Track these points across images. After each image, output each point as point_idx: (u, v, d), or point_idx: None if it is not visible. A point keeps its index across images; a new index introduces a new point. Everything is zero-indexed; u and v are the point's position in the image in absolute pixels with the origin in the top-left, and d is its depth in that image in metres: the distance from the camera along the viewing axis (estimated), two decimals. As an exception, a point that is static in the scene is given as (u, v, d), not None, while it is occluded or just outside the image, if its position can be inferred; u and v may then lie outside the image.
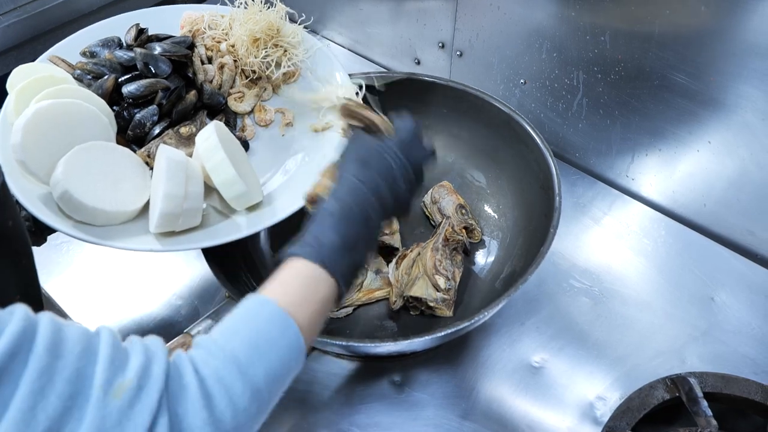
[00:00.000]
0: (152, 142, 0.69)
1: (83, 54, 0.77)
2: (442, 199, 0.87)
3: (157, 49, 0.74)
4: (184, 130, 0.70)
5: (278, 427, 0.69)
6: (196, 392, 0.39)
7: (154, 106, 0.71)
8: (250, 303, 0.45)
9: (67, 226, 0.60)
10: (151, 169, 0.67)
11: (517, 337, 0.77)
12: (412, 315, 0.78)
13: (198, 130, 0.68)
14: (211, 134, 0.63)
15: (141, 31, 0.78)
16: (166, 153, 0.61)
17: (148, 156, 0.67)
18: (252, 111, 0.78)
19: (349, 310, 0.78)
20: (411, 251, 0.80)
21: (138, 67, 0.72)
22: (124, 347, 0.39)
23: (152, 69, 0.72)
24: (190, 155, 0.67)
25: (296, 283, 0.47)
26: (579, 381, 0.73)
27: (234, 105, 0.77)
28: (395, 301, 0.77)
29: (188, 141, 0.69)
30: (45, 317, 0.37)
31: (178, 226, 0.62)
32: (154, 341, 0.41)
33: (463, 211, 0.86)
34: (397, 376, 0.74)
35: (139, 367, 0.38)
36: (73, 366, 0.36)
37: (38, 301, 0.58)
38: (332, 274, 0.48)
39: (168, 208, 0.60)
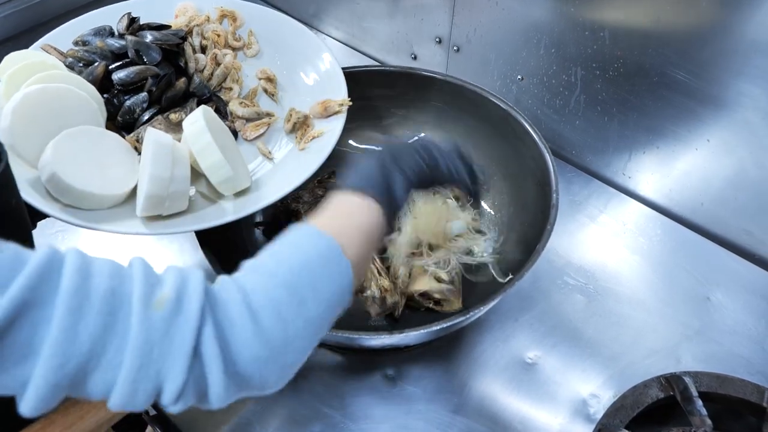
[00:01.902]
0: (141, 127, 0.69)
1: (75, 43, 0.76)
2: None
3: (149, 37, 0.73)
4: (173, 116, 0.70)
5: (270, 419, 0.69)
6: (240, 304, 0.39)
7: (144, 93, 0.71)
8: (300, 232, 0.45)
9: (55, 209, 0.60)
10: (140, 154, 0.67)
11: (511, 333, 0.77)
12: (408, 311, 0.78)
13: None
14: (198, 118, 0.63)
15: (133, 20, 0.78)
16: (152, 136, 0.61)
17: (137, 141, 0.67)
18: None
19: None
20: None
21: (129, 54, 0.72)
22: (158, 271, 0.40)
23: (143, 57, 0.71)
24: (179, 141, 0.67)
25: (341, 211, 0.48)
26: (572, 378, 0.73)
27: (235, 108, 0.76)
28: (391, 305, 0.75)
29: (177, 127, 0.69)
30: (71, 249, 0.37)
31: (165, 209, 0.62)
32: (190, 267, 0.41)
33: (461, 203, 0.86)
34: (390, 370, 0.73)
35: (176, 281, 0.38)
36: (107, 284, 0.36)
37: None
38: (374, 198, 0.49)
39: (154, 190, 0.59)
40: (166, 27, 0.78)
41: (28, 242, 0.54)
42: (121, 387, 0.36)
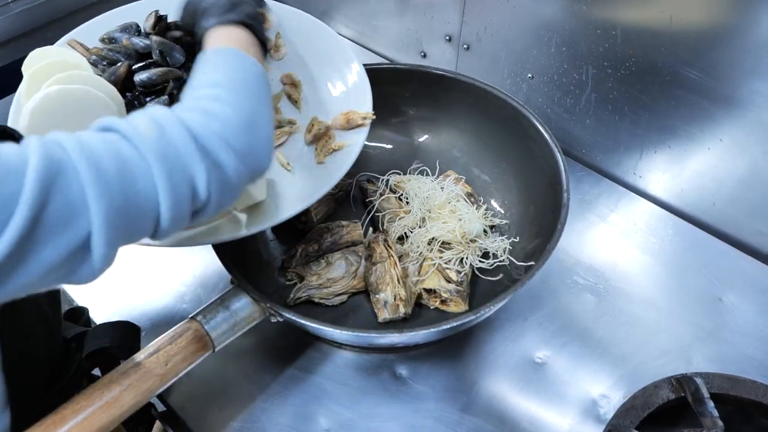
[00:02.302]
0: None
1: (102, 40, 0.76)
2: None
3: (175, 37, 0.73)
4: None
5: (279, 417, 0.69)
6: (200, 108, 0.48)
7: (165, 96, 0.71)
8: (201, 56, 0.55)
9: None
10: None
11: (520, 332, 0.76)
12: (418, 309, 0.78)
13: None
14: None
15: (160, 18, 0.77)
16: None
17: None
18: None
19: (344, 297, 0.78)
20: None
21: (153, 55, 0.72)
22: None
23: (167, 58, 0.71)
24: None
25: (224, 38, 0.58)
26: (582, 378, 0.72)
27: None
28: (402, 314, 0.74)
29: None
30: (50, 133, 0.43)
31: None
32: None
33: (472, 199, 0.86)
34: (398, 368, 0.73)
35: (141, 115, 0.45)
36: (97, 137, 0.42)
37: None
38: (238, 22, 0.59)
39: None
40: None
41: None
42: (164, 200, 0.43)
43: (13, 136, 0.49)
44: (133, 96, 0.70)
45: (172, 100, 0.71)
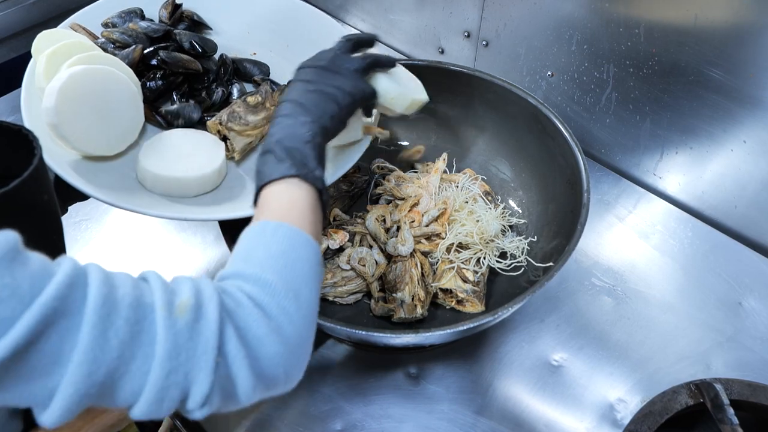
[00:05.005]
0: (222, 111, 0.70)
1: (105, 25, 0.76)
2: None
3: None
4: (251, 99, 0.70)
5: (291, 415, 0.68)
6: (250, 305, 0.41)
7: (193, 102, 0.73)
8: (259, 229, 0.45)
9: (98, 192, 0.60)
10: (223, 139, 0.69)
11: (536, 334, 0.76)
12: (433, 308, 0.77)
13: (264, 99, 0.70)
14: None
15: (177, 7, 0.78)
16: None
17: (220, 124, 0.68)
18: None
19: (359, 296, 0.77)
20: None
21: (185, 47, 0.73)
22: (171, 280, 0.41)
23: (203, 47, 0.74)
24: (259, 123, 0.69)
25: (280, 201, 0.49)
26: (599, 382, 0.71)
27: None
28: (419, 315, 0.73)
29: (255, 109, 0.69)
30: (90, 263, 0.38)
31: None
32: (199, 277, 0.43)
33: (490, 198, 0.84)
34: (412, 369, 0.72)
35: (192, 288, 0.40)
36: (131, 294, 0.37)
37: None
38: (306, 180, 0.49)
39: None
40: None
41: (57, 236, 0.54)
42: (148, 393, 0.36)
43: (27, 138, 0.48)
44: (148, 78, 0.70)
45: (203, 104, 0.72)
